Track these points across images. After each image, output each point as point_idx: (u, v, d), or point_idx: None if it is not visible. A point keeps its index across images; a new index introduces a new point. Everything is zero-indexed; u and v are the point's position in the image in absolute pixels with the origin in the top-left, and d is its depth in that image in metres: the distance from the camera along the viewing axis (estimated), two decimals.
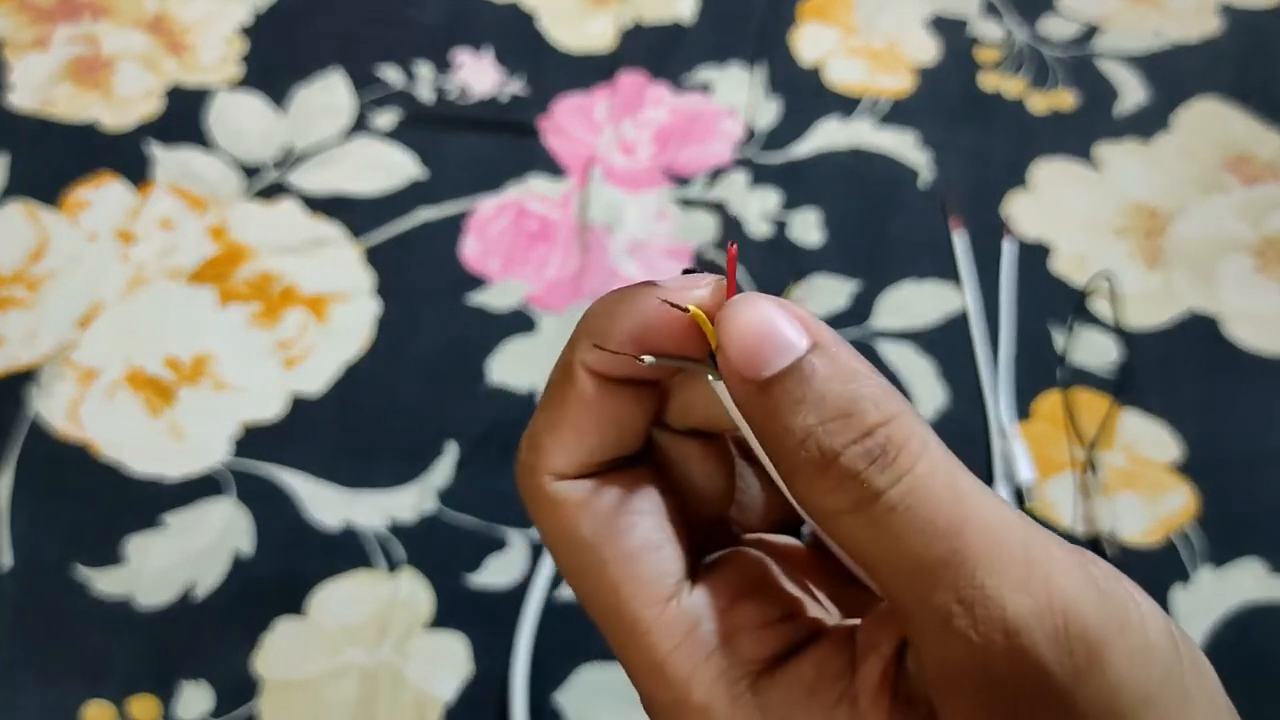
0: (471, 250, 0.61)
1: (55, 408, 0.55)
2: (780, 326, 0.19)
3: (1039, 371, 0.56)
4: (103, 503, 0.52)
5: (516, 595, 0.50)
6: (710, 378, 0.20)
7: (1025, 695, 0.17)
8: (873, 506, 0.17)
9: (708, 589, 0.21)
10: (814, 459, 0.18)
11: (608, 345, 0.20)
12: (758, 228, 0.62)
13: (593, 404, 0.21)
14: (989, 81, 0.69)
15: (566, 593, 0.50)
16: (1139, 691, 0.17)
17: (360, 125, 0.65)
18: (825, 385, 0.18)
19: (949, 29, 0.71)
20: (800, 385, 0.18)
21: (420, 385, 0.56)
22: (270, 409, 0.55)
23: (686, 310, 0.20)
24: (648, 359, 0.20)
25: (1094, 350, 0.57)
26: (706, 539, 0.23)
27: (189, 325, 0.57)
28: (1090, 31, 0.71)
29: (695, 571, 0.21)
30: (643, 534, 0.21)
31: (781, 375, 0.18)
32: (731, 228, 0.62)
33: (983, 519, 0.17)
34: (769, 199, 0.63)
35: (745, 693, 0.19)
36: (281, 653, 0.49)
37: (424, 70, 0.68)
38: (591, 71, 0.68)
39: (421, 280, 0.59)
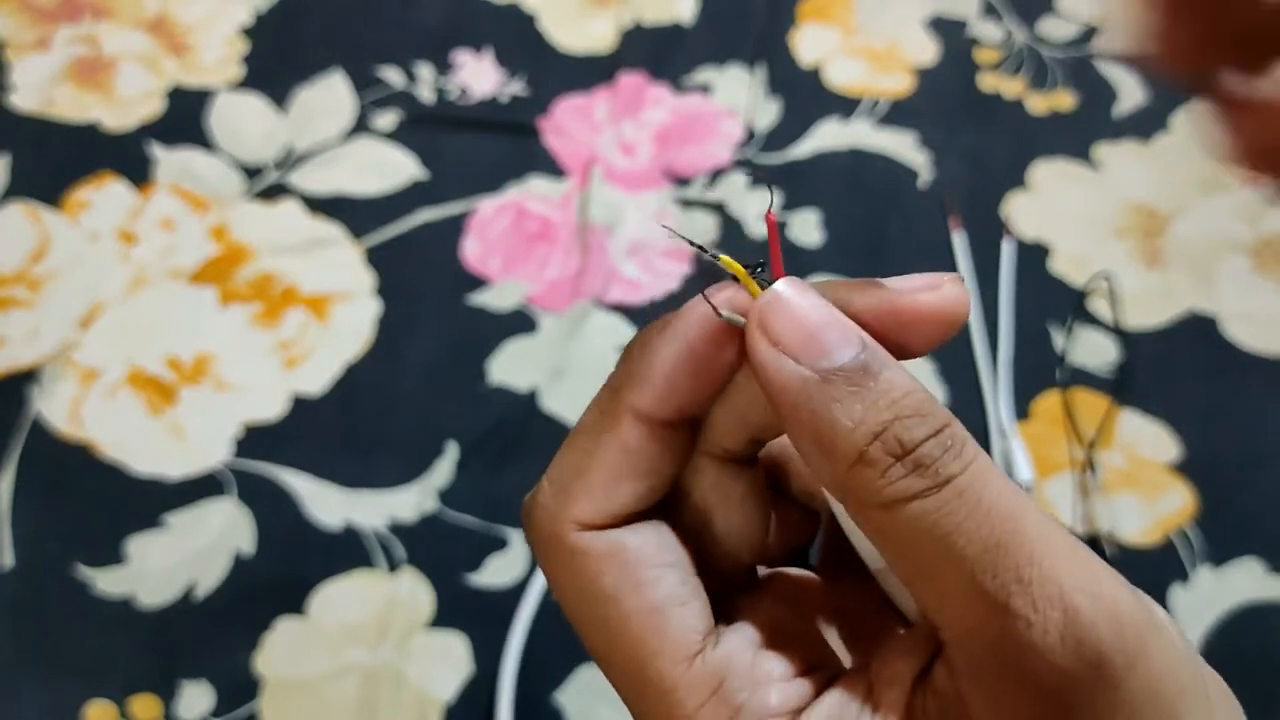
0: (472, 250, 0.61)
1: (56, 408, 0.55)
2: (837, 316, 0.19)
3: (1038, 371, 0.56)
4: (104, 502, 0.52)
5: (517, 595, 0.50)
6: None
7: (1078, 677, 0.17)
8: (942, 491, 0.18)
9: (732, 642, 0.20)
10: (892, 449, 0.18)
11: (655, 383, 0.20)
12: (758, 228, 0.62)
13: (634, 452, 0.20)
14: (988, 82, 0.69)
15: None
16: (1176, 683, 0.18)
17: (361, 126, 0.65)
18: (893, 383, 0.18)
19: (949, 30, 0.71)
20: (869, 379, 0.18)
21: (421, 385, 0.56)
22: (271, 409, 0.55)
23: (722, 317, 0.20)
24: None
25: (1093, 350, 0.57)
26: (728, 580, 0.22)
27: (190, 325, 0.57)
28: (1090, 32, 0.71)
29: (718, 622, 0.21)
30: (668, 588, 0.20)
31: (848, 368, 0.18)
32: (731, 228, 0.62)
33: (1034, 510, 0.18)
34: (769, 200, 0.63)
35: None
36: (282, 652, 0.49)
37: (424, 71, 0.68)
38: (592, 72, 0.68)
39: (422, 280, 0.60)
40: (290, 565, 0.51)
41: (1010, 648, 0.17)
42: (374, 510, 0.52)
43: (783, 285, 0.19)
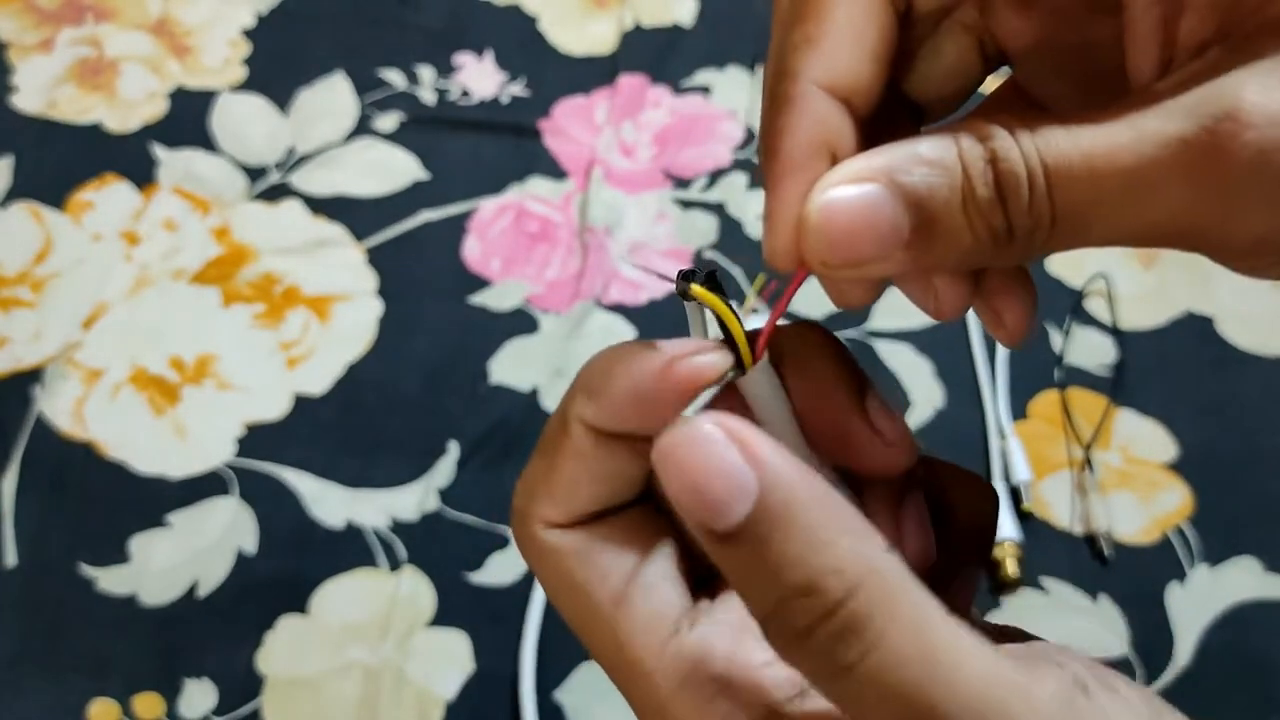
0: (473, 251, 0.61)
1: (60, 407, 0.55)
2: (728, 467, 0.17)
3: (1036, 371, 0.57)
4: (107, 501, 0.52)
5: (518, 593, 0.50)
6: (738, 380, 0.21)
7: None
8: (843, 679, 0.17)
9: (712, 627, 0.20)
10: (785, 631, 0.17)
11: (603, 404, 0.20)
12: (757, 228, 0.62)
13: (587, 459, 0.21)
14: (988, 82, 0.69)
15: None
16: None
17: (362, 127, 0.66)
18: (782, 552, 0.17)
19: None
20: (757, 551, 0.17)
21: (422, 385, 0.56)
22: (273, 408, 0.55)
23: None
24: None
25: (1091, 350, 0.57)
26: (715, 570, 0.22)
27: (193, 326, 0.58)
28: None
29: (700, 607, 0.21)
30: (637, 575, 0.21)
31: (737, 535, 0.17)
32: (730, 229, 0.62)
33: (956, 675, 0.17)
34: None
35: None
36: (284, 650, 0.49)
37: (425, 72, 0.68)
38: (592, 74, 0.69)
39: (423, 281, 0.60)
40: (292, 564, 0.51)
41: None
42: (376, 509, 0.52)
43: (672, 439, 0.18)
